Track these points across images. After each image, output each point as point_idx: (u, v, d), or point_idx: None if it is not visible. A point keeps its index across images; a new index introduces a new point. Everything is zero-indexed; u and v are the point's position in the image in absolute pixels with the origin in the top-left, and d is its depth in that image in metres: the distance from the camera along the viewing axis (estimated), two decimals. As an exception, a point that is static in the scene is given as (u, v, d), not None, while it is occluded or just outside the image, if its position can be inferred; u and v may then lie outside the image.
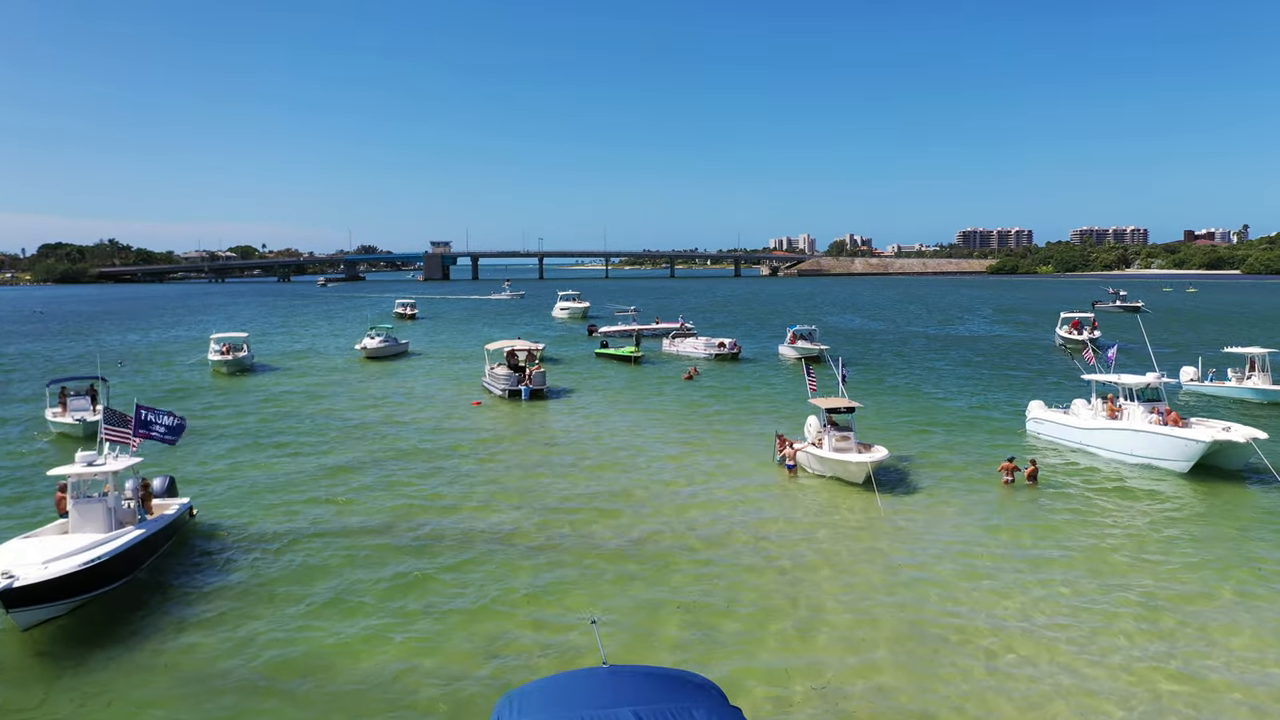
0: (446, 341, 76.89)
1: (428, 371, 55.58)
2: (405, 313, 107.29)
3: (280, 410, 41.24)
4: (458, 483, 27.49)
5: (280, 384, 50.16)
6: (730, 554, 20.98)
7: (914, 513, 24.25)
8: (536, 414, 39.97)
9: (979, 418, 37.83)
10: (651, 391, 46.11)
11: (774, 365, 57.07)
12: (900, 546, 21.38)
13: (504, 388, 43.52)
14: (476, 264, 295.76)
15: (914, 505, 24.92)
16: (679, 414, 39.31)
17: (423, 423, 37.57)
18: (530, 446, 32.79)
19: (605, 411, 40.21)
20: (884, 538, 22.09)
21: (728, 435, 34.37)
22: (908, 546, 21.40)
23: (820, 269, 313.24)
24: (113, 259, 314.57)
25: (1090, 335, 64.07)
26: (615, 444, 33.05)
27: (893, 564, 20.23)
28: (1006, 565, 20.10)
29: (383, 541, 21.91)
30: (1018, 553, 20.89)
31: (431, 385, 49.34)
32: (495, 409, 41.42)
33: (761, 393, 45.50)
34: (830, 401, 28.34)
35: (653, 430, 35.76)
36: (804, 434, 29.63)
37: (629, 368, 55.88)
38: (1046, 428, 32.29)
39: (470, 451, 31.98)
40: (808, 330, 60.05)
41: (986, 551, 20.93)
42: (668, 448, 32.25)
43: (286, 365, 58.83)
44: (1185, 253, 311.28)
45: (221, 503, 25.37)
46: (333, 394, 46.25)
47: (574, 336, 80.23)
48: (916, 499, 25.53)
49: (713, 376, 51.44)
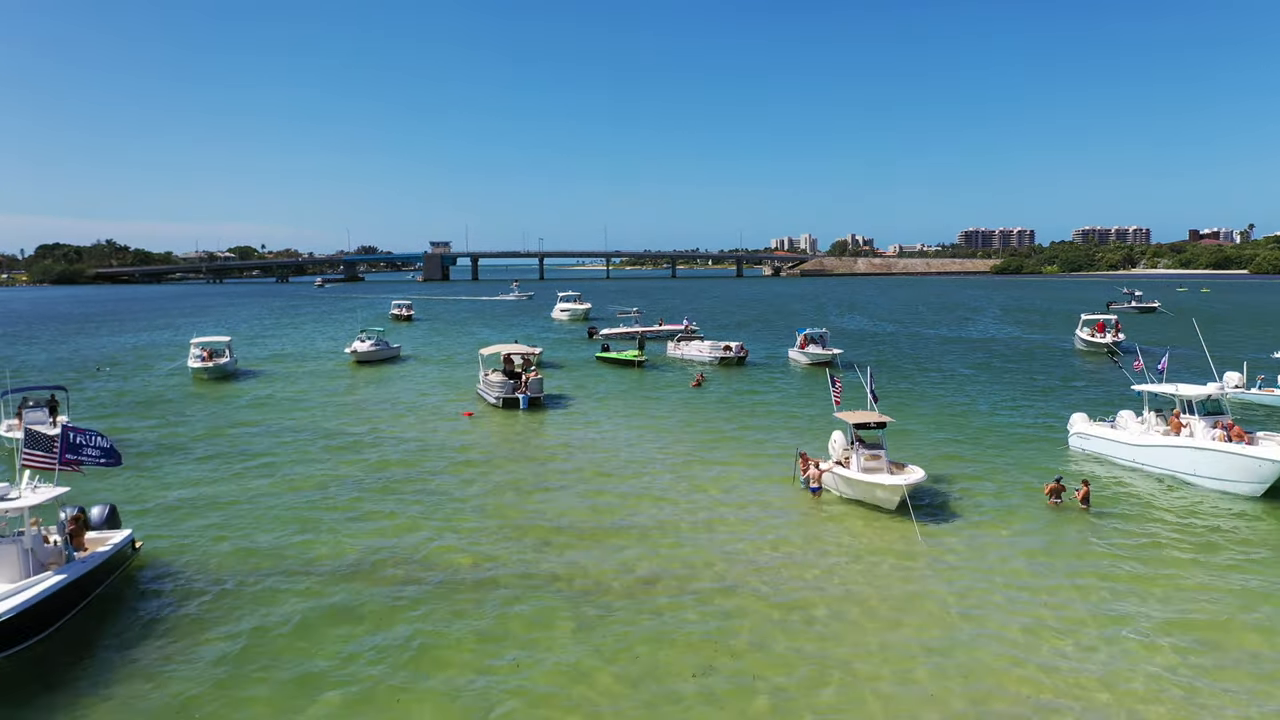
0: (442, 344, 74.07)
1: (420, 377, 52.74)
2: (401, 314, 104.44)
3: (258, 421, 38.41)
4: (441, 510, 24.60)
5: (262, 391, 47.32)
6: (750, 597, 18.12)
7: (955, 543, 21.41)
8: (532, 426, 37.13)
9: (1010, 430, 34.96)
10: (656, 399, 43.25)
11: (784, 371, 54.19)
12: (947, 589, 18.51)
13: (498, 396, 40.68)
14: (476, 264, 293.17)
15: (954, 534, 22.07)
16: (686, 426, 36.45)
17: (408, 437, 34.71)
18: (524, 465, 29.91)
19: (606, 423, 37.36)
20: (927, 577, 19.22)
21: (741, 451, 31.49)
22: (955, 588, 18.54)
23: (823, 269, 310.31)
24: (110, 259, 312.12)
25: (1114, 339, 61.20)
26: (617, 462, 30.18)
27: (942, 614, 17.36)
28: (1074, 612, 17.24)
29: (351, 585, 19.03)
30: (1086, 603, 17.99)
31: (422, 393, 46.50)
32: (488, 420, 38.57)
33: (774, 402, 42.64)
34: (858, 416, 25.46)
35: (658, 444, 32.90)
36: (828, 451, 26.81)
37: (632, 373, 53.04)
38: (1092, 443, 29.38)
39: (458, 472, 29.09)
40: (819, 334, 57.12)
41: (1052, 599, 17.99)
42: (675, 466, 29.37)
43: (272, 370, 56.00)
44: (1191, 252, 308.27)
45: (176, 532, 22.53)
46: (317, 403, 43.41)
47: (574, 339, 77.42)
48: (956, 526, 22.69)
49: (720, 383, 48.59)
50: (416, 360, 61.64)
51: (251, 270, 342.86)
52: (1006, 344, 70.72)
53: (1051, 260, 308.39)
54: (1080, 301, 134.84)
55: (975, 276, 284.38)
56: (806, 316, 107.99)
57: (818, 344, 56.01)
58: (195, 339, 55.15)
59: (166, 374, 54.60)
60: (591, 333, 77.18)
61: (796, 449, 27.35)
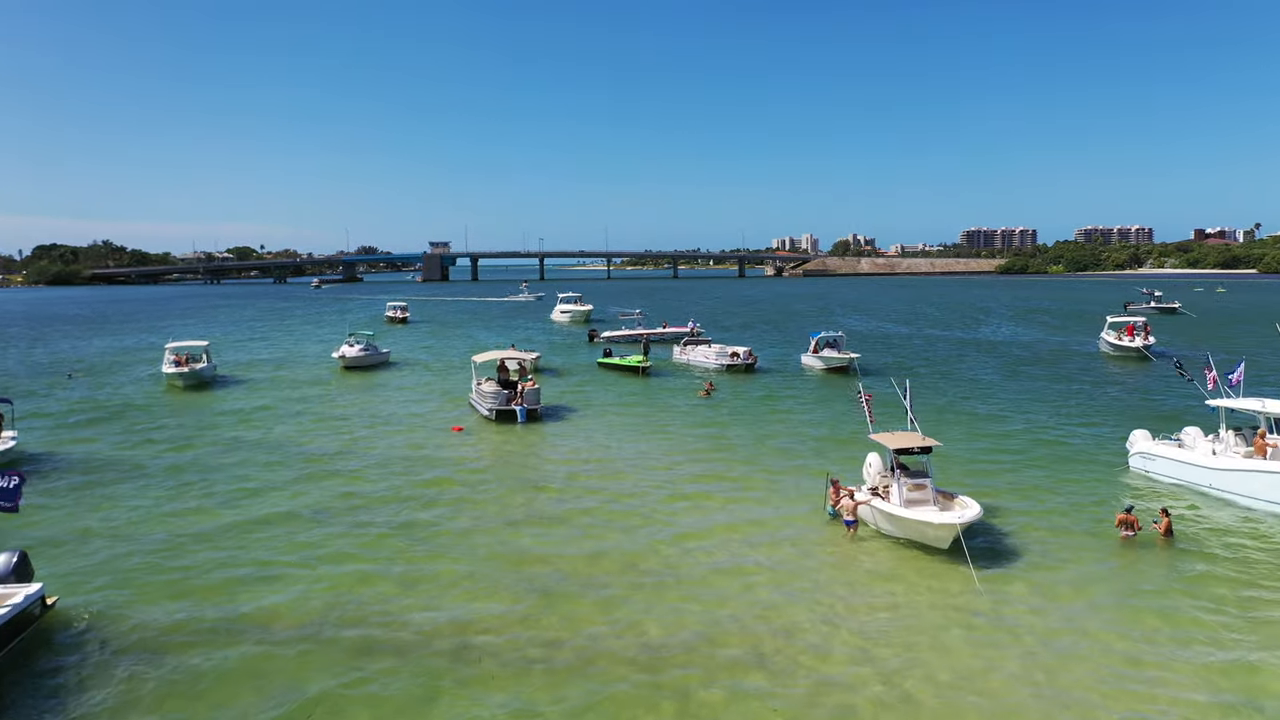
0: (436, 348, 70.80)
1: (410, 385, 49.49)
2: (396, 316, 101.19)
3: (230, 437, 35.18)
4: (416, 549, 21.29)
5: (240, 401, 44.08)
6: (789, 673, 14.88)
7: (1023, 592, 18.16)
8: (527, 443, 33.85)
9: (1054, 445, 31.70)
10: (662, 411, 39.97)
11: (797, 378, 50.89)
12: (1027, 660, 15.22)
13: (491, 407, 37.42)
14: (476, 265, 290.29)
15: (1018, 579, 18.82)
16: (697, 442, 33.18)
17: (391, 457, 31.44)
18: (516, 494, 26.58)
19: (609, 439, 34.09)
20: (1000, 644, 15.91)
21: (760, 474, 28.21)
22: (1037, 657, 15.28)
23: (826, 269, 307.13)
24: (107, 260, 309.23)
25: (1145, 342, 57.94)
26: (622, 488, 26.88)
27: (1031, 699, 14.08)
28: (1192, 690, 14.00)
29: (304, 649, 15.80)
30: (1199, 680, 14.75)
31: (411, 403, 43.25)
32: (480, 435, 35.29)
33: (790, 413, 39.37)
34: (899, 439, 22.16)
35: (667, 466, 29.63)
36: (862, 475, 23.55)
37: (636, 380, 49.78)
38: (1159, 465, 26.08)
39: (439, 498, 25.82)
40: (833, 337, 53.82)
41: (1161, 674, 14.71)
42: (688, 493, 26.07)
43: (254, 377, 52.76)
44: (1198, 251, 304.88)
45: (107, 579, 19.26)
46: (296, 414, 40.16)
47: (574, 342, 74.20)
48: (1018, 569, 19.44)
49: (730, 391, 45.33)
50: (408, 366, 58.40)
51: (250, 271, 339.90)
52: (1026, 347, 67.48)
53: (1057, 260, 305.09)
54: (1091, 302, 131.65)
55: (980, 276, 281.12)
56: (813, 318, 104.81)
57: (833, 348, 52.78)
58: (170, 343, 51.86)
59: (139, 381, 51.37)
60: (592, 335, 73.95)
61: (828, 476, 24.03)
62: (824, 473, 25.14)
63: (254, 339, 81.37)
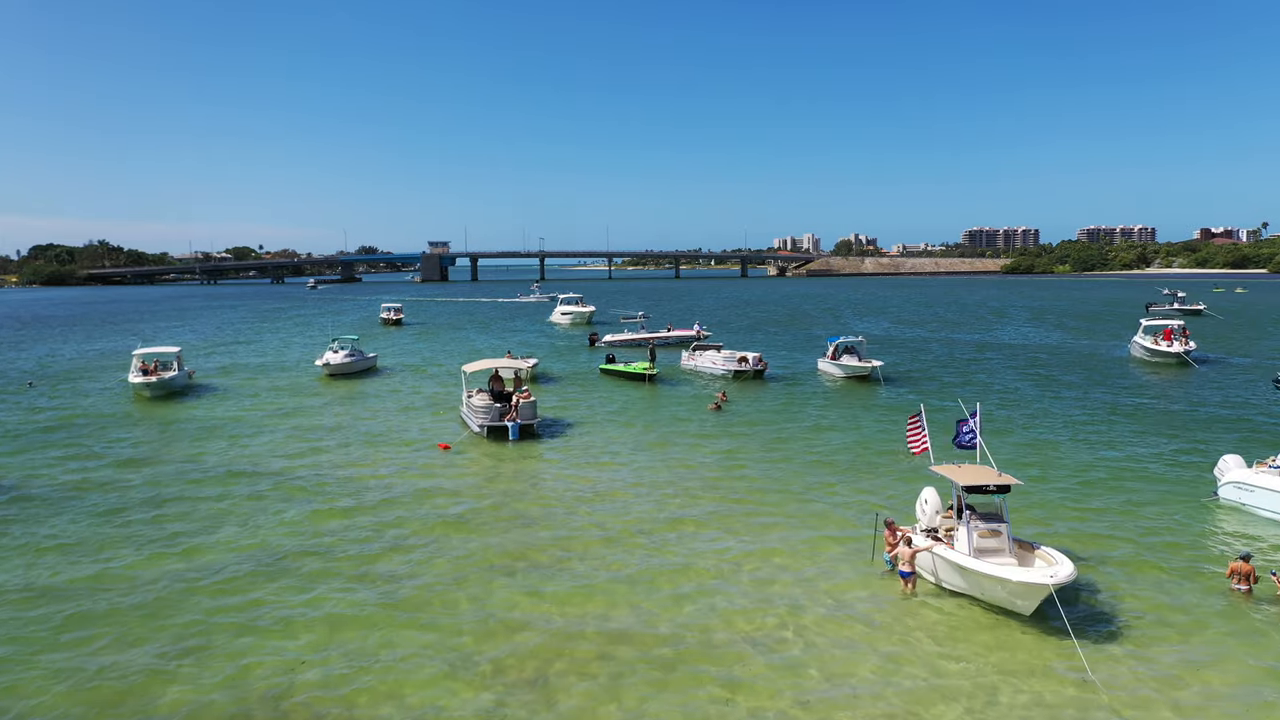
0: (428, 353, 67.01)
1: (396, 394, 45.74)
2: (390, 318, 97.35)
3: (192, 457, 31.47)
4: (377, 613, 17.52)
5: (208, 414, 40.36)
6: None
7: (1140, 671, 14.44)
8: (520, 465, 30.09)
9: (1118, 471, 27.89)
10: (670, 426, 36.17)
11: (814, 387, 47.08)
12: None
13: (483, 423, 33.67)
14: (476, 265, 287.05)
15: (1127, 654, 15.09)
16: (712, 465, 29.40)
17: (366, 481, 27.70)
18: (503, 530, 22.84)
19: (613, 460, 30.33)
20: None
21: (784, 506, 24.41)
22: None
23: (830, 269, 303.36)
24: (103, 260, 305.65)
25: (1184, 347, 54.16)
26: (625, 523, 23.14)
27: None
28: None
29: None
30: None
31: (395, 415, 39.50)
32: (467, 456, 31.52)
33: (813, 430, 35.58)
34: (970, 473, 18.22)
35: (680, 495, 25.85)
36: (916, 510, 19.76)
37: (640, 389, 46.02)
38: (1260, 498, 22.31)
39: (414, 539, 22.02)
40: (853, 342, 49.99)
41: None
42: (704, 531, 22.35)
43: (230, 386, 49.02)
44: (1206, 251, 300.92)
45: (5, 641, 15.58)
46: (267, 429, 36.44)
47: (574, 346, 70.44)
48: (1118, 638, 15.72)
49: (744, 403, 41.56)
50: (396, 372, 54.63)
51: (248, 271, 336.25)
52: (1052, 351, 63.69)
53: (1063, 260, 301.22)
54: (1105, 303, 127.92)
55: (985, 276, 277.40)
56: (822, 320, 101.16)
57: (852, 354, 48.99)
58: (138, 350, 48.01)
59: (105, 390, 47.62)
60: (593, 340, 70.12)
61: (881, 517, 20.05)
62: (872, 509, 21.41)
63: (239, 342, 77.61)
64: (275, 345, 74.16)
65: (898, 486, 25.39)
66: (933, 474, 19.12)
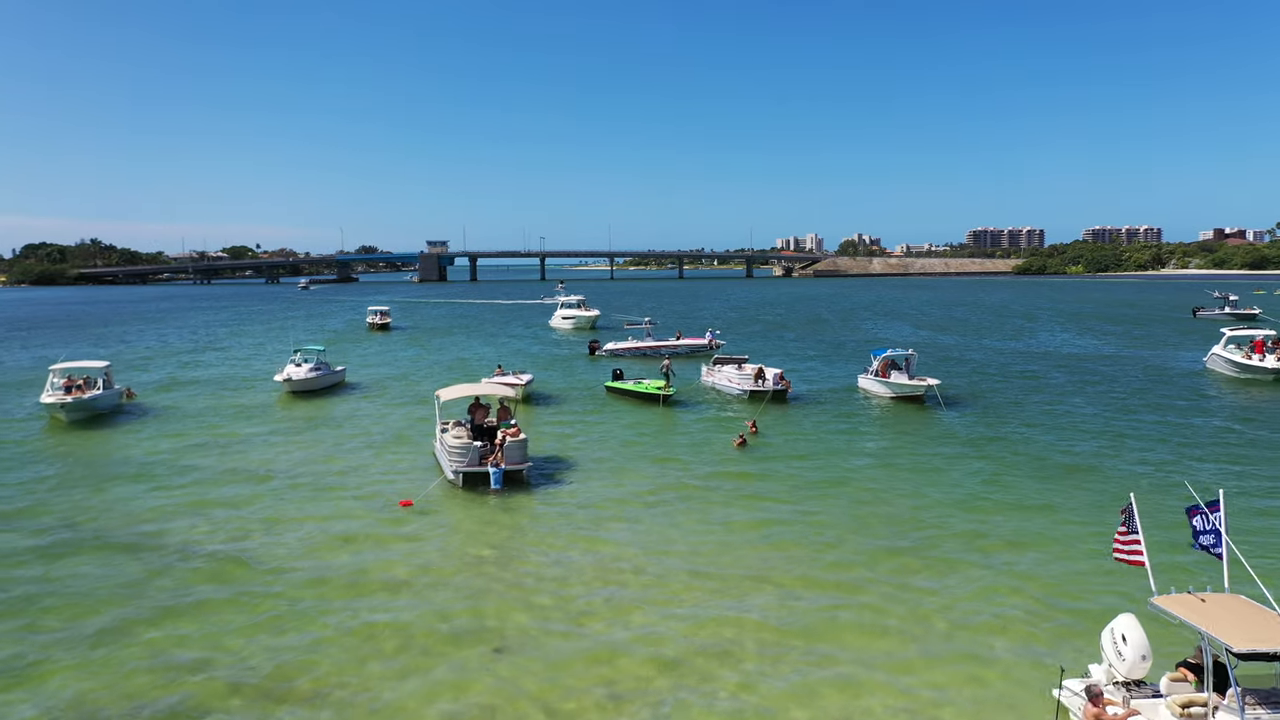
0: (411, 364, 59.78)
1: (363, 420, 38.64)
2: (376, 322, 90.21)
3: (75, 509, 24.41)
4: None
5: (132, 445, 33.31)
6: None
7: None
8: (501, 529, 22.89)
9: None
10: (690, 469, 28.85)
11: (854, 410, 39.85)
12: None
13: (458, 470, 26.48)
14: (475, 264, 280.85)
15: None
16: (751, 532, 22.19)
17: (299, 557, 20.57)
18: (471, 643, 15.75)
19: (619, 518, 23.20)
20: None
21: (866, 606, 17.27)
22: None
23: (837, 269, 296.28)
24: (95, 259, 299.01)
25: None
26: (644, 625, 16.07)
27: None
28: None
29: None
30: None
31: (355, 450, 32.38)
32: (437, 513, 24.31)
33: (875, 469, 28.47)
34: (1235, 622, 10.67)
35: (714, 577, 18.84)
36: (1104, 649, 12.41)
37: (653, 413, 38.95)
38: None
39: (346, 658, 15.01)
40: (903, 356, 42.62)
41: None
42: (763, 654, 15.23)
43: (171, 406, 41.91)
44: (1223, 251, 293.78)
45: None
46: (194, 470, 29.33)
47: (574, 355, 63.31)
48: None
49: (775, 434, 34.36)
50: (368, 389, 47.42)
51: (244, 271, 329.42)
52: (1109, 363, 56.54)
53: (1075, 260, 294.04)
54: (1137, 305, 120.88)
55: (997, 277, 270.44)
56: (837, 324, 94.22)
57: (901, 371, 41.74)
58: (57, 364, 40.68)
59: (18, 414, 40.38)
60: (593, 348, 62.97)
61: (1089, 689, 11.60)
62: (1027, 638, 14.24)
63: (206, 348, 70.49)
64: (243, 353, 67.07)
65: (1054, 598, 18.03)
66: (1159, 611, 11.72)
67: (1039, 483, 26.59)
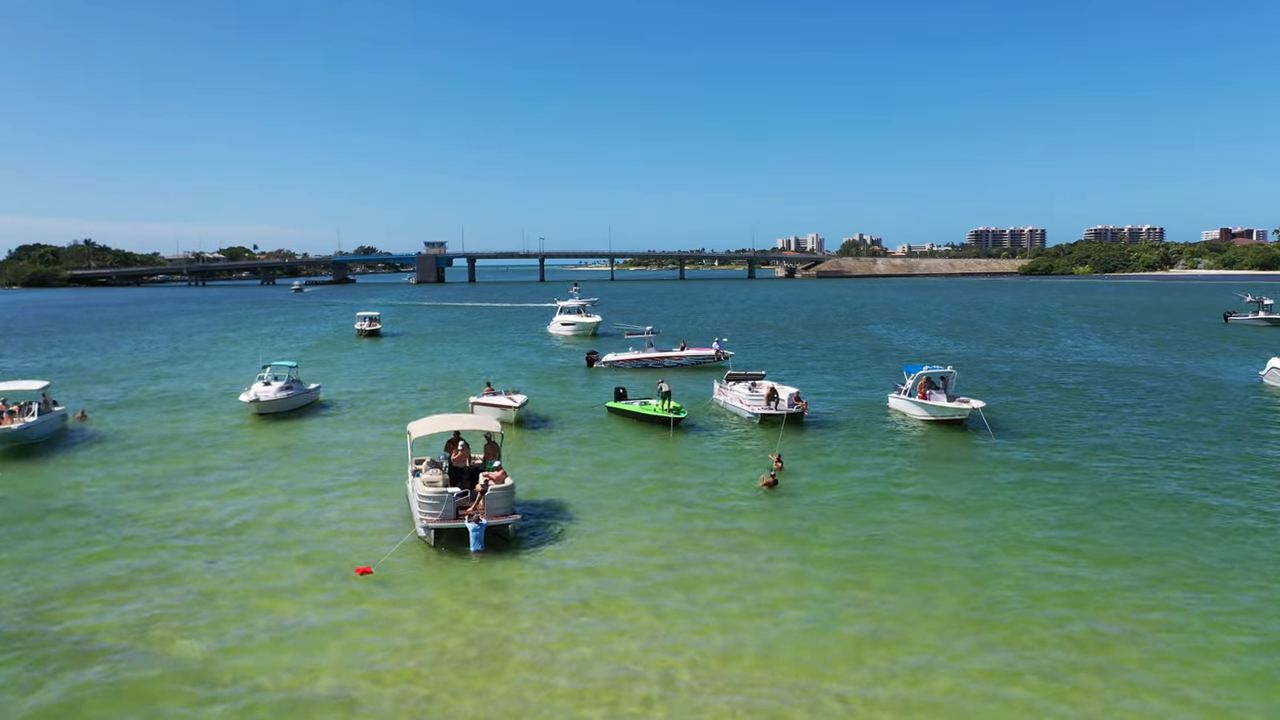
0: (396, 377, 55.14)
1: (334, 446, 34.15)
2: (365, 329, 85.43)
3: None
4: None
5: (64, 484, 28.82)
6: None
7: None
8: (481, 609, 18.30)
9: None
10: (713, 521, 24.27)
11: (888, 435, 35.29)
12: None
13: (430, 524, 21.96)
14: (474, 265, 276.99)
15: None
16: (798, 624, 17.61)
17: (226, 653, 16.13)
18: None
19: (633, 606, 18.63)
20: None
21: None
22: None
23: (841, 270, 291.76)
24: (89, 261, 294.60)
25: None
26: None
27: None
28: None
29: None
30: None
31: (318, 490, 27.85)
32: (397, 589, 19.63)
33: (923, 521, 24.02)
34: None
35: (759, 689, 14.45)
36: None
37: (662, 440, 34.49)
38: None
39: None
40: (942, 373, 37.97)
41: None
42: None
43: (125, 429, 37.44)
44: (1233, 252, 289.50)
45: None
46: (127, 519, 24.86)
47: (571, 368, 58.73)
48: None
49: (801, 468, 29.93)
50: (343, 410, 42.75)
51: (240, 272, 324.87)
52: (1151, 375, 52.05)
53: (1082, 260, 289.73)
54: (1155, 309, 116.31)
55: (1004, 278, 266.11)
56: (845, 329, 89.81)
57: (939, 390, 37.17)
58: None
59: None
60: (591, 359, 58.42)
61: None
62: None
63: (179, 359, 65.92)
64: (219, 365, 62.52)
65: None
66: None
67: (1131, 535, 22.14)
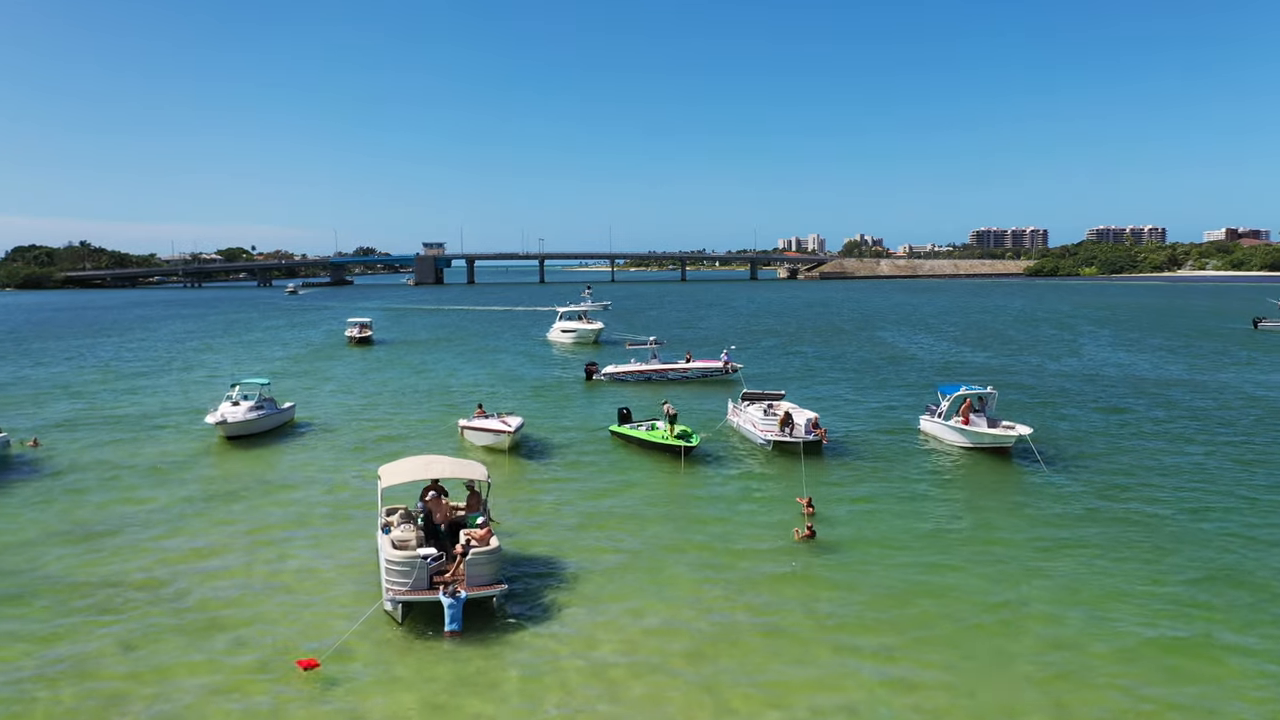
0: (382, 392, 51.40)
1: (302, 479, 30.46)
2: (356, 335, 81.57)
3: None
4: None
5: (8, 524, 25.25)
6: None
7: None
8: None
9: None
10: (740, 589, 20.36)
11: (922, 466, 31.60)
12: None
13: (397, 596, 18.14)
14: (472, 267, 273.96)
15: None
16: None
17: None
18: None
19: (652, 703, 15.07)
20: None
21: None
22: None
23: (844, 271, 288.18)
24: (83, 262, 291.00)
25: None
26: None
27: None
28: None
29: None
30: None
31: (275, 540, 24.13)
32: (347, 690, 15.89)
33: (982, 583, 20.31)
34: None
35: None
36: None
37: (672, 472, 30.79)
38: None
39: None
40: (983, 394, 34.13)
41: None
42: None
43: (77, 458, 33.78)
44: (1241, 252, 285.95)
45: None
46: (50, 582, 21.22)
47: (569, 381, 54.97)
48: None
49: (831, 510, 26.26)
50: (320, 432, 38.98)
51: (237, 273, 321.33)
52: (1200, 392, 48.28)
53: (1089, 261, 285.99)
54: (1172, 312, 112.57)
55: (1009, 279, 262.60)
56: (858, 335, 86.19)
57: (979, 413, 33.31)
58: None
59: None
60: (590, 371, 54.74)
61: None
62: None
63: (153, 371, 62.11)
64: (198, 377, 58.79)
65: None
66: None
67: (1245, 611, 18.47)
